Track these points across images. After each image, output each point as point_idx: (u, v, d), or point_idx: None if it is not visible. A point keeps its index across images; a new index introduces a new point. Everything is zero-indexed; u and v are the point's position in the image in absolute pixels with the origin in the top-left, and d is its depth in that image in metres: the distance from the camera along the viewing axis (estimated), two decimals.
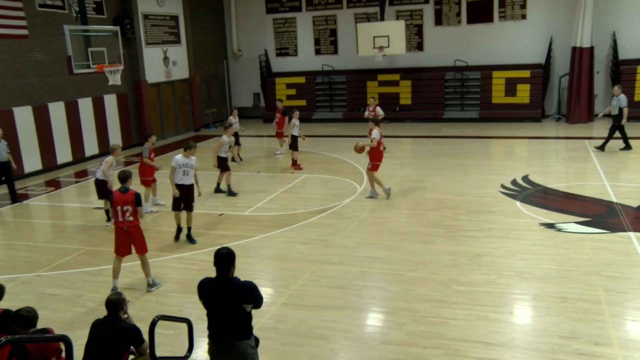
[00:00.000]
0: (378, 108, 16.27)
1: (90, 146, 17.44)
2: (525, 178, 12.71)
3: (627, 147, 14.89)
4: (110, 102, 18.30)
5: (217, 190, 12.68)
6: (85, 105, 17.30)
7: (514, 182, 12.44)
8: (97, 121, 17.66)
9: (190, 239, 9.56)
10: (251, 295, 4.52)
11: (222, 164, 12.43)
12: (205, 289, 4.59)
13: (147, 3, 19.77)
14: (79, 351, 4.72)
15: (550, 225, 9.56)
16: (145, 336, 4.87)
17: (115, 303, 4.83)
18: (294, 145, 14.86)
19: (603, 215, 10.00)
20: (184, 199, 9.52)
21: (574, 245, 8.65)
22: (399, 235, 9.46)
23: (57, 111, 16.27)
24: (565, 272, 7.68)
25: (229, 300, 4.47)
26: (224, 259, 4.50)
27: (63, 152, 16.50)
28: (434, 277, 7.72)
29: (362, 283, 7.69)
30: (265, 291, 7.59)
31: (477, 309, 6.75)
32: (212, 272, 4.60)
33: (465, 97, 22.00)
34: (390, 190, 11.67)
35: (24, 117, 15.24)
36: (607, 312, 6.51)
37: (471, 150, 16.39)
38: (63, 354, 4.40)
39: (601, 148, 15.01)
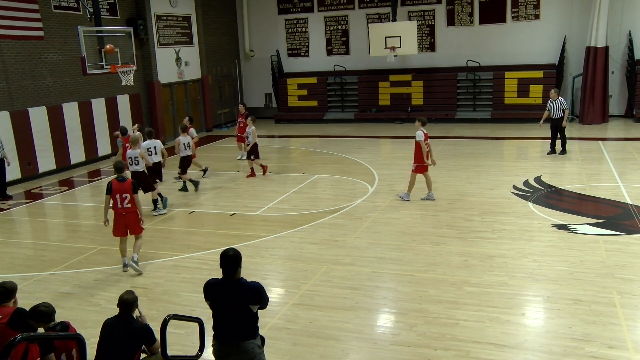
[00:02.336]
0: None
1: (103, 146, 17.57)
2: (537, 179, 12.61)
3: (564, 151, 15.00)
4: (123, 103, 18.43)
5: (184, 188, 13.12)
6: (99, 106, 17.45)
7: (526, 183, 12.35)
8: (110, 121, 17.79)
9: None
10: (258, 296, 4.54)
11: (184, 164, 12.96)
12: (212, 290, 4.61)
13: (160, 4, 19.90)
14: (91, 349, 4.77)
15: (563, 227, 9.48)
16: (157, 335, 4.91)
17: (129, 303, 4.87)
18: (255, 152, 14.03)
19: (617, 217, 9.89)
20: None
21: (588, 247, 8.57)
22: (410, 236, 9.43)
23: (71, 111, 16.43)
24: (579, 274, 7.61)
25: (235, 301, 4.49)
26: (231, 260, 4.51)
27: (76, 152, 16.65)
28: (445, 278, 7.69)
29: (373, 284, 7.67)
30: (276, 291, 7.64)
31: (489, 310, 6.71)
32: None
33: (478, 97, 21.88)
34: (408, 197, 11.43)
35: (38, 118, 15.41)
36: (622, 315, 6.44)
37: (483, 151, 16.31)
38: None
39: (562, 152, 14.98)
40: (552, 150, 15.15)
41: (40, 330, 4.65)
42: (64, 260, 9.12)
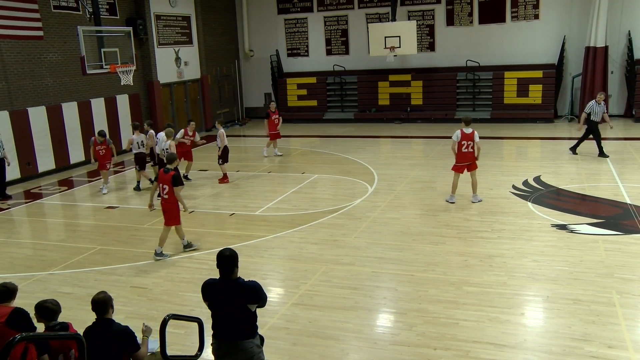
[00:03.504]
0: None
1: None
2: (537, 179, 12.62)
3: (603, 153, 14.58)
4: (123, 102, 18.43)
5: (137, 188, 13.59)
6: (98, 106, 17.44)
7: (525, 183, 12.35)
8: (109, 121, 17.78)
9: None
10: (256, 295, 4.54)
11: (139, 161, 13.40)
12: (210, 290, 4.62)
13: (160, 4, 19.89)
14: None
15: (563, 227, 9.49)
16: (157, 335, 4.88)
17: (102, 302, 4.57)
18: (225, 157, 13.72)
19: (617, 217, 9.90)
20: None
21: (587, 246, 8.57)
22: (410, 236, 9.44)
23: (70, 111, 16.43)
24: (578, 273, 7.61)
25: (233, 301, 4.49)
26: (227, 260, 4.52)
27: (76, 152, 16.64)
28: (445, 278, 7.69)
29: (373, 283, 7.68)
30: (275, 291, 7.64)
31: (489, 310, 6.71)
32: None
33: (477, 97, 21.89)
34: (452, 200, 11.15)
35: (38, 117, 15.40)
36: (621, 314, 6.45)
37: (483, 150, 16.13)
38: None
39: (602, 154, 14.72)
40: (575, 151, 14.82)
41: (42, 327, 4.65)
42: (63, 260, 9.12)
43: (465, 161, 10.99)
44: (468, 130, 10.94)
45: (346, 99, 23.76)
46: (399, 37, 20.23)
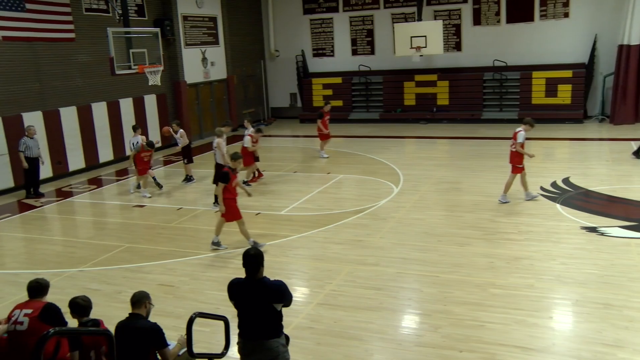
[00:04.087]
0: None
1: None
2: (565, 180, 12.40)
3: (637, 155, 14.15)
4: (150, 102, 18.69)
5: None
6: (126, 105, 17.73)
7: (554, 184, 12.15)
8: (137, 120, 18.02)
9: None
10: (281, 294, 4.56)
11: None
12: (236, 290, 4.65)
13: (187, 5, 20.12)
14: None
15: (593, 229, 9.30)
16: (183, 332, 4.94)
17: (138, 298, 4.80)
18: (189, 156, 14.08)
19: None
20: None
21: (618, 250, 8.38)
22: (435, 237, 9.37)
23: (99, 111, 16.73)
24: (609, 277, 7.45)
25: (259, 300, 4.52)
26: (253, 260, 4.55)
27: (105, 151, 16.94)
28: (470, 279, 7.62)
29: (398, 284, 7.64)
30: (300, 291, 7.67)
31: (515, 313, 6.62)
32: None
33: (504, 97, 21.60)
34: (505, 199, 11.02)
35: (69, 117, 15.73)
36: None
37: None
38: None
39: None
40: (638, 156, 14.22)
41: (75, 323, 4.78)
42: (92, 257, 9.29)
43: (520, 162, 11.00)
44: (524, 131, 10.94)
45: (371, 99, 23.68)
46: (425, 37, 20.06)
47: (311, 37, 24.61)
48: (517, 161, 10.92)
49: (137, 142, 13.39)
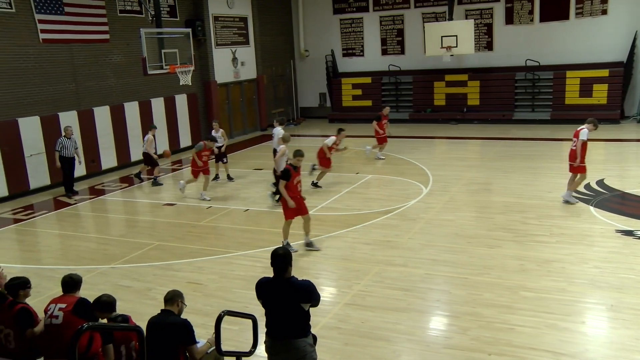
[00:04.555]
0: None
1: (162, 144, 18.07)
2: (600, 182, 12.11)
3: None
4: (181, 102, 18.95)
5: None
6: (158, 105, 18.00)
7: (587, 186, 11.87)
8: (168, 120, 18.34)
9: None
10: (309, 294, 4.55)
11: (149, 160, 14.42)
12: (264, 289, 4.66)
13: (218, 5, 20.33)
14: None
15: (628, 233, 9.06)
16: (211, 329, 4.99)
17: (172, 295, 4.94)
18: (152, 161, 14.45)
19: None
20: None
21: None
22: (464, 239, 9.26)
23: (131, 111, 17.03)
24: None
25: (287, 300, 4.52)
26: (281, 259, 4.55)
27: (136, 150, 17.19)
28: (500, 282, 7.50)
29: (426, 286, 7.58)
30: (328, 291, 7.67)
31: (546, 316, 6.49)
32: None
33: (537, 98, 21.21)
34: (569, 196, 10.79)
35: (102, 117, 16.07)
36: None
37: (542, 152, 15.81)
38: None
39: None
40: None
41: (104, 321, 4.88)
42: (123, 255, 9.47)
43: (574, 160, 10.75)
44: (587, 130, 10.60)
45: (401, 99, 23.54)
46: (456, 36, 19.87)
47: (341, 37, 24.61)
48: (580, 160, 10.56)
49: (213, 138, 13.26)
